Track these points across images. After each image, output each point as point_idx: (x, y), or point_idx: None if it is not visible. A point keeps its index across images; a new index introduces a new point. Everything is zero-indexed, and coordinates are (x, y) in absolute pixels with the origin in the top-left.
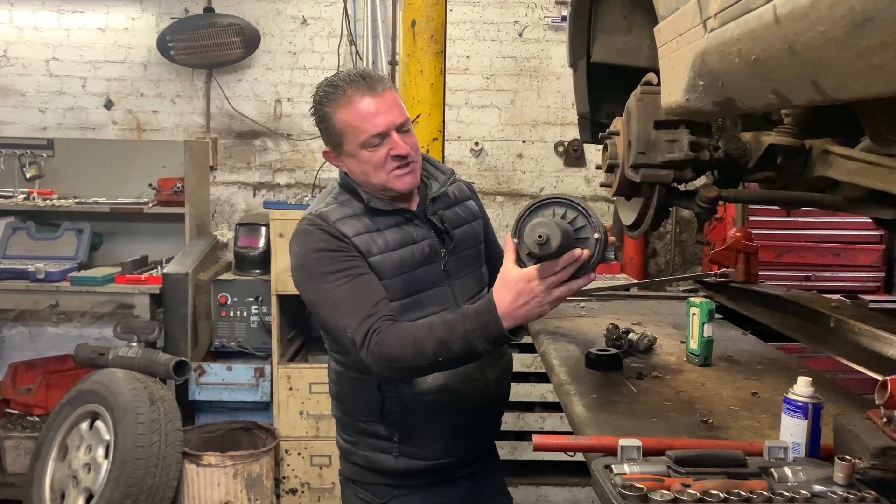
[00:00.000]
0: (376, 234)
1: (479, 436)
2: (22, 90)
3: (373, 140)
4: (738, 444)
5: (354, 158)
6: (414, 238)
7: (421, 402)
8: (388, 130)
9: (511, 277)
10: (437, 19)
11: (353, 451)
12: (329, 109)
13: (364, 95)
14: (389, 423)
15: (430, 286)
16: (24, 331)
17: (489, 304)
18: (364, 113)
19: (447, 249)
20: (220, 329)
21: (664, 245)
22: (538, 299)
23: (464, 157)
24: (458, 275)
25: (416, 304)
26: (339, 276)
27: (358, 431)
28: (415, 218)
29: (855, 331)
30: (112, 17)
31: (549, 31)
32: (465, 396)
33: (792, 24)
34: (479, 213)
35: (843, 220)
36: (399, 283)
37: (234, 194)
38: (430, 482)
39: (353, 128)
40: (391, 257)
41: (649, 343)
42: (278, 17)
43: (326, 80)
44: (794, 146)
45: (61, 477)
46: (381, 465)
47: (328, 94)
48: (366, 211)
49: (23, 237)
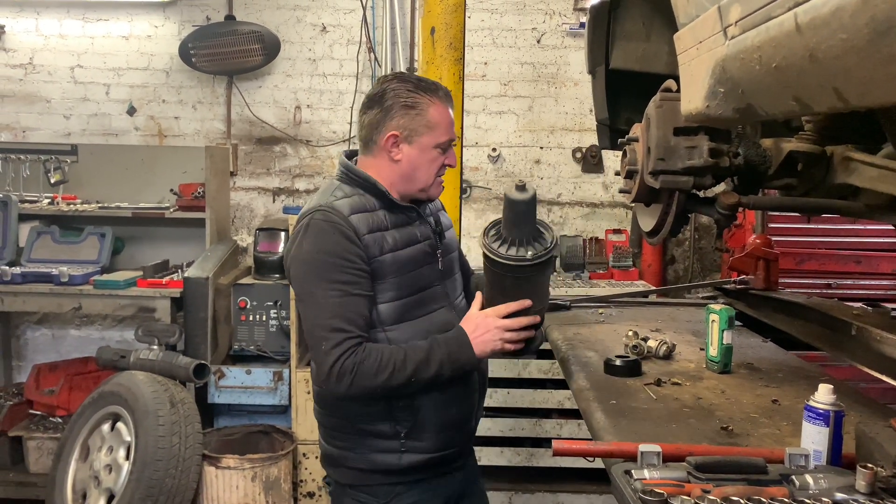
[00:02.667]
0: (386, 233)
1: (470, 427)
2: (47, 97)
3: (445, 145)
4: (759, 451)
5: (420, 152)
6: (418, 237)
7: (431, 396)
8: (453, 142)
9: (473, 314)
10: (455, 27)
11: (351, 455)
12: (427, 100)
13: (447, 104)
14: (397, 419)
15: (429, 285)
16: (47, 333)
17: (460, 333)
18: (449, 119)
19: (441, 250)
20: (239, 333)
21: (683, 252)
22: (491, 332)
23: (481, 162)
24: (449, 275)
25: (420, 301)
26: (336, 287)
27: (356, 434)
28: (418, 218)
29: (877, 339)
30: (135, 24)
31: (566, 38)
32: (465, 388)
33: (813, 33)
34: (451, 224)
35: (865, 227)
36: (406, 280)
37: (254, 199)
38: (429, 476)
39: (441, 127)
40: (399, 256)
41: (668, 350)
42: (298, 24)
43: (414, 76)
44: (814, 153)
45: (83, 477)
46: (385, 465)
47: (427, 86)
48: (378, 206)
49: (47, 241)
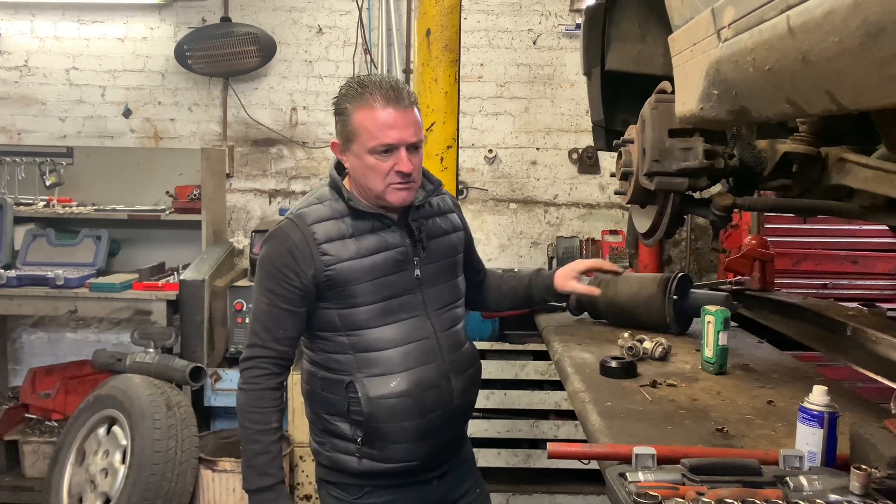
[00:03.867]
0: (349, 241)
1: (440, 441)
2: (42, 99)
3: (380, 149)
4: (754, 453)
5: (359, 159)
6: (388, 244)
7: (383, 405)
8: (398, 145)
9: None
10: (451, 28)
11: (321, 451)
12: (349, 106)
13: (387, 105)
14: (354, 423)
15: (401, 293)
16: (43, 336)
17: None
18: (381, 122)
19: (420, 258)
20: (235, 335)
21: (679, 253)
22: None
23: (478, 164)
24: (430, 284)
25: (388, 309)
26: (267, 296)
27: (325, 431)
28: (393, 224)
29: (872, 339)
30: (131, 26)
31: (563, 39)
32: (428, 402)
33: (806, 35)
34: (461, 227)
35: (860, 227)
36: (370, 287)
37: (250, 201)
38: (396, 483)
39: (367, 132)
40: (362, 263)
41: (664, 351)
42: (294, 26)
43: (358, 78)
44: (809, 154)
45: (79, 481)
46: (345, 466)
47: (355, 91)
48: (347, 212)
49: (42, 244)
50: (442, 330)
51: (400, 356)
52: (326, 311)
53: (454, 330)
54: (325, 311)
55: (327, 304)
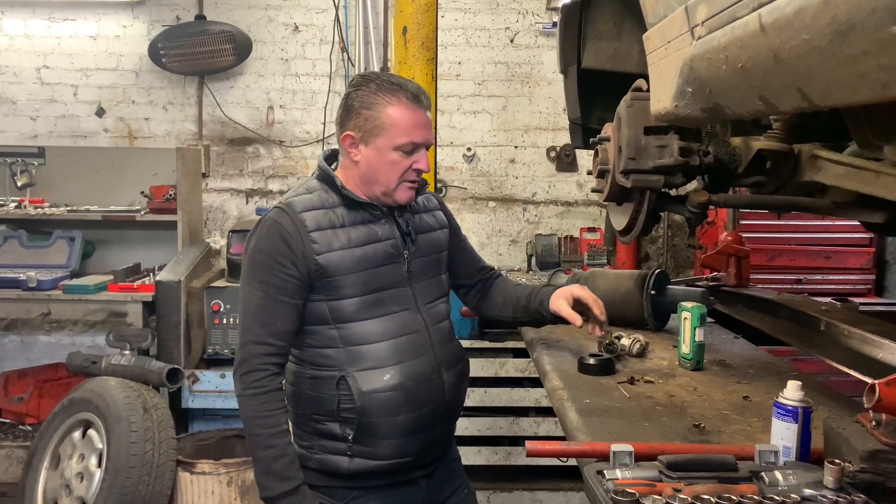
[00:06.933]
0: (339, 230)
1: (431, 437)
2: (13, 98)
3: (409, 147)
4: (730, 449)
5: (377, 154)
6: (378, 237)
7: (376, 399)
8: (424, 145)
9: None
10: (427, 26)
11: (308, 455)
12: (382, 100)
13: (417, 107)
14: (344, 421)
15: (391, 286)
16: (15, 339)
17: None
18: (413, 121)
19: (409, 252)
20: (213, 336)
21: (657, 249)
22: None
23: (456, 162)
24: (419, 278)
25: (378, 301)
26: (261, 288)
27: (312, 433)
28: (382, 217)
29: (845, 334)
30: (103, 24)
31: (540, 37)
32: (421, 396)
33: (777, 33)
34: (447, 224)
35: (834, 223)
36: (359, 278)
37: (227, 201)
38: (387, 483)
39: (399, 128)
40: (352, 253)
41: (641, 348)
42: (270, 24)
43: (387, 75)
44: (782, 151)
45: (54, 486)
46: (336, 468)
47: (388, 87)
48: (339, 203)
49: (14, 246)
50: (433, 324)
51: (391, 349)
52: (317, 302)
53: (443, 324)
54: (316, 304)
55: (317, 295)
